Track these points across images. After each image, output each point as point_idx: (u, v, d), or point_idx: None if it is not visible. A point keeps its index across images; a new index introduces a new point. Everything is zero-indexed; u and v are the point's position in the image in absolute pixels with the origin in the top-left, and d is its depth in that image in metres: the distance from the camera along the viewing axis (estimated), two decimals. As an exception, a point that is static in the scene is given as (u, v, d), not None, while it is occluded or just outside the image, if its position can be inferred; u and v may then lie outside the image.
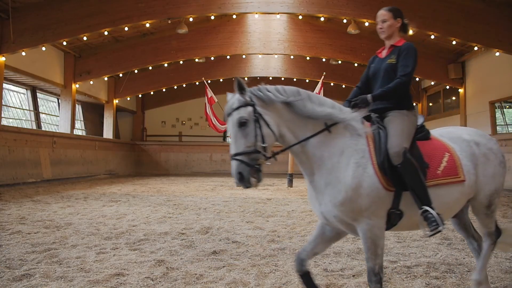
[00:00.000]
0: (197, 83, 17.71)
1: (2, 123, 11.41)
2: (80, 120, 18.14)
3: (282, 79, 18.73)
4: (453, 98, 15.53)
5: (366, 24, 12.03)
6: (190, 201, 8.28)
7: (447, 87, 15.24)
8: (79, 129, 17.82)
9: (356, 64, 16.45)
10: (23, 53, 11.54)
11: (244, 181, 2.32)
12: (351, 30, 12.59)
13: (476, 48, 12.47)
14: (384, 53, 2.96)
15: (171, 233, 5.00)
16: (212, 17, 12.97)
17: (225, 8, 11.61)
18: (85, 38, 12.82)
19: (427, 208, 2.45)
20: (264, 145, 2.38)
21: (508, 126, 14.04)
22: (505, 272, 3.42)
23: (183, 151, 20.23)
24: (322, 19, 13.39)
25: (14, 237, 4.67)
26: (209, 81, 15.10)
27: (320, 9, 11.39)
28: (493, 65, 12.52)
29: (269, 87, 2.50)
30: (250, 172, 2.32)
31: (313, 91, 13.18)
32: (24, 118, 14.31)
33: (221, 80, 18.23)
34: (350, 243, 4.49)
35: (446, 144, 2.72)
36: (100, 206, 7.42)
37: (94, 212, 6.66)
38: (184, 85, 18.63)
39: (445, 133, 2.88)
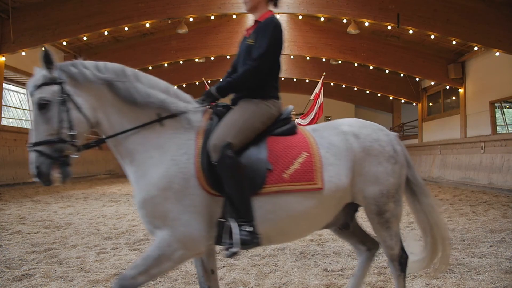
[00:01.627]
0: (197, 83, 17.70)
1: (2, 123, 11.40)
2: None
3: (282, 79, 18.74)
4: (453, 98, 15.52)
5: (366, 24, 12.03)
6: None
7: (447, 87, 15.24)
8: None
9: (356, 64, 16.45)
10: (23, 53, 11.53)
11: (43, 177, 1.91)
12: (351, 30, 12.59)
13: (476, 48, 12.47)
14: (250, 31, 2.42)
15: (171, 233, 4.99)
16: (212, 17, 12.96)
17: (225, 8, 11.61)
18: (85, 38, 12.82)
19: (231, 222, 2.00)
20: (72, 133, 1.96)
21: (508, 126, 14.04)
22: (505, 272, 3.42)
23: (183, 151, 20.20)
24: (322, 19, 13.38)
25: (14, 237, 4.67)
26: (209, 81, 15.09)
27: (320, 9, 11.39)
28: (493, 65, 12.51)
29: (87, 62, 2.10)
30: (51, 166, 1.92)
31: (313, 91, 13.22)
32: (24, 118, 14.30)
33: (221, 80, 18.21)
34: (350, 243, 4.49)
35: (310, 142, 2.22)
36: (100, 206, 7.42)
37: (94, 212, 6.66)
38: (184, 85, 18.61)
39: (322, 126, 2.39)
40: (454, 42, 12.40)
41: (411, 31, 11.95)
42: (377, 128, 2.41)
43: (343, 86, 18.33)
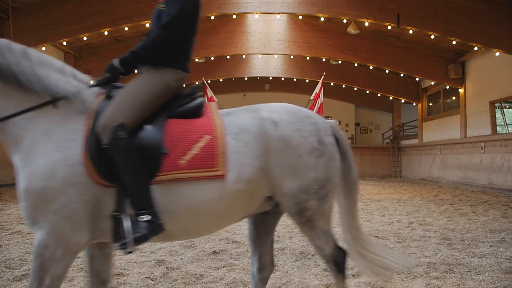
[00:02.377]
0: (197, 83, 17.65)
1: (2, 123, 11.39)
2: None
3: (282, 79, 18.74)
4: (453, 98, 15.53)
5: (366, 24, 12.03)
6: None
7: (447, 87, 15.24)
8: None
9: (356, 64, 16.45)
10: (23, 53, 11.53)
11: None
12: (351, 30, 12.59)
13: (476, 48, 12.47)
14: None
15: (171, 233, 5.00)
16: (212, 17, 12.95)
17: (225, 8, 11.61)
18: (85, 38, 12.81)
19: (123, 215, 1.81)
20: None
21: (508, 126, 14.05)
22: (505, 272, 3.42)
23: (183, 151, 20.21)
24: (322, 19, 13.38)
25: (14, 237, 4.67)
26: (209, 81, 15.10)
27: (320, 9, 11.39)
28: (493, 65, 12.51)
29: None
30: None
31: (313, 91, 13.25)
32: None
33: (221, 80, 18.22)
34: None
35: (215, 124, 1.97)
36: (100, 206, 7.42)
37: (94, 212, 6.66)
38: (184, 85, 18.61)
39: (239, 110, 2.14)
40: (454, 42, 12.40)
41: (411, 31, 11.95)
42: (303, 115, 2.11)
43: (343, 86, 18.33)
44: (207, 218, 1.95)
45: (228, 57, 16.00)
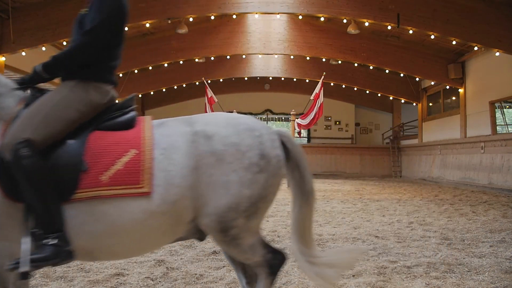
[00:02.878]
0: (197, 83, 17.70)
1: (2, 123, 11.38)
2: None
3: (282, 79, 18.74)
4: (453, 98, 15.53)
5: (366, 24, 12.03)
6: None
7: (447, 87, 15.24)
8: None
9: (356, 64, 16.46)
10: (23, 53, 11.53)
11: None
12: (351, 30, 12.59)
13: (476, 48, 12.47)
14: None
15: (171, 233, 5.00)
16: (212, 17, 12.95)
17: (225, 8, 11.60)
18: (85, 38, 12.81)
19: (23, 236, 1.67)
20: None
21: (508, 126, 14.06)
22: (505, 272, 3.42)
23: (183, 151, 20.21)
24: (322, 19, 13.38)
25: (14, 237, 4.66)
26: (209, 81, 15.10)
27: (320, 9, 11.39)
28: (493, 65, 12.51)
29: None
30: None
31: (313, 91, 13.25)
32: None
33: (221, 80, 18.23)
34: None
35: (144, 137, 1.85)
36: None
37: (94, 212, 6.66)
38: (184, 85, 18.61)
39: (172, 121, 1.99)
40: (454, 42, 12.40)
41: (411, 31, 11.95)
42: (244, 128, 1.93)
43: (343, 86, 18.33)
44: (130, 240, 1.81)
45: (228, 57, 16.00)
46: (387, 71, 16.38)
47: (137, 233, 1.79)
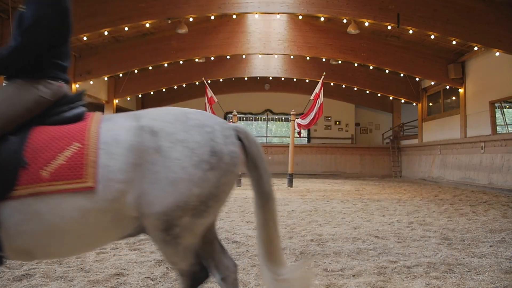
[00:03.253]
0: (197, 83, 17.71)
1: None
2: (80, 120, 18.11)
3: (282, 79, 18.75)
4: (453, 98, 15.53)
5: (366, 24, 12.04)
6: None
7: (447, 87, 15.24)
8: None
9: (356, 64, 16.46)
10: (23, 53, 11.55)
11: None
12: (351, 30, 12.59)
13: (476, 48, 12.48)
14: None
15: (171, 233, 4.99)
16: (212, 17, 12.96)
17: (225, 8, 11.61)
18: (85, 38, 12.81)
19: None
20: None
21: (508, 126, 14.05)
22: (505, 272, 3.42)
23: (183, 151, 20.21)
24: (322, 19, 13.39)
25: (14, 237, 4.66)
26: (209, 81, 15.10)
27: (320, 9, 11.39)
28: (493, 65, 12.52)
29: None
30: None
31: (313, 91, 13.25)
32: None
33: (221, 80, 18.23)
34: (350, 243, 4.50)
35: (89, 131, 1.77)
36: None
37: (94, 212, 6.66)
38: (184, 85, 18.62)
39: (119, 116, 1.91)
40: (454, 42, 12.41)
41: (411, 31, 11.95)
42: (194, 124, 1.84)
43: (343, 86, 18.34)
44: (71, 238, 1.73)
45: (228, 57, 16.00)
46: (387, 71, 16.39)
47: (77, 231, 1.71)
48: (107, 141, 1.75)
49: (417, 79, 16.86)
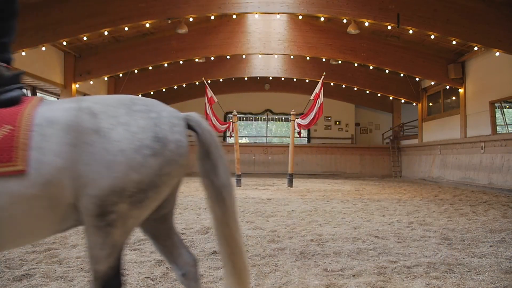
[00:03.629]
0: (197, 83, 17.71)
1: (1, 123, 11.37)
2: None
3: (282, 79, 18.75)
4: (453, 98, 15.54)
5: (366, 24, 12.04)
6: (190, 201, 8.27)
7: (447, 87, 15.25)
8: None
9: (356, 64, 16.46)
10: (23, 53, 11.54)
11: None
12: (351, 30, 12.60)
13: (476, 48, 12.48)
14: None
15: (171, 233, 4.99)
16: (212, 17, 12.96)
17: (225, 8, 11.61)
18: (85, 38, 12.82)
19: None
20: None
21: (508, 126, 14.06)
22: (505, 272, 3.42)
23: (183, 151, 20.24)
24: (322, 19, 13.39)
25: (14, 237, 4.66)
26: (209, 81, 15.10)
27: (320, 9, 11.40)
28: (493, 65, 12.52)
29: None
30: None
31: (313, 91, 13.25)
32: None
33: (221, 80, 18.23)
34: (350, 243, 4.50)
35: (23, 114, 1.66)
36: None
37: (94, 212, 6.66)
38: (184, 85, 18.62)
39: (62, 101, 1.79)
40: (454, 42, 12.41)
41: (411, 31, 11.96)
42: (139, 109, 1.75)
43: (343, 86, 18.34)
44: (1, 228, 1.59)
45: (228, 57, 16.01)
46: (387, 71, 16.39)
47: (8, 219, 1.58)
48: (41, 122, 1.63)
49: (417, 79, 16.86)
